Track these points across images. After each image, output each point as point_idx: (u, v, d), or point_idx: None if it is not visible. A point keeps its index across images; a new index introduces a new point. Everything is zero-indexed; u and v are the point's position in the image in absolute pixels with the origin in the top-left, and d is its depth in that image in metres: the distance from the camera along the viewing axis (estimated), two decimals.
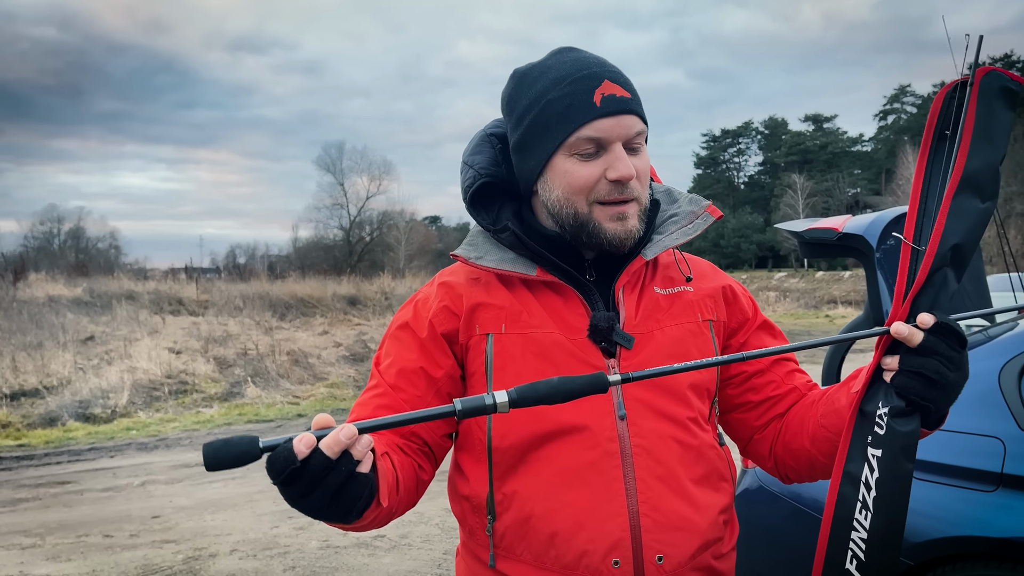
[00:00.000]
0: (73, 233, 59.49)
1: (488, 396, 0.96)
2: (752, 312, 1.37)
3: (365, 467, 0.94)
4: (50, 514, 5.71)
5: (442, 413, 0.95)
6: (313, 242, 57.75)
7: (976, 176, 1.06)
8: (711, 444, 1.27)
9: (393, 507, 1.11)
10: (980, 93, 1.07)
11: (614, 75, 1.22)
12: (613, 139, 1.19)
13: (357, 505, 0.95)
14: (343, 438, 0.89)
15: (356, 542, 4.83)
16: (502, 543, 1.23)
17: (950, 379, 1.04)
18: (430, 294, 1.32)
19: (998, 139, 1.09)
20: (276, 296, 23.99)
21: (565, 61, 1.23)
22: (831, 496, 1.12)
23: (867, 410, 1.10)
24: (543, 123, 1.21)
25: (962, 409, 2.48)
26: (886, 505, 1.07)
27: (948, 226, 1.05)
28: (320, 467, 0.89)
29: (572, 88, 1.19)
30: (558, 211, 1.23)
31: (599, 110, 1.18)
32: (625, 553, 1.16)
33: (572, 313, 1.24)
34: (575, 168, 1.20)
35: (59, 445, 8.40)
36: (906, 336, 1.05)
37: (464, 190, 1.30)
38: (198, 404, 10.55)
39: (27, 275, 25.68)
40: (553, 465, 1.20)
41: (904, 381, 1.06)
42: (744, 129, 76.03)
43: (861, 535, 1.08)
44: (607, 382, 1.01)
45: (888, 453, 1.07)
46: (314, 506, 0.92)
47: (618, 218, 1.21)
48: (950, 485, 2.38)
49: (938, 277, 1.06)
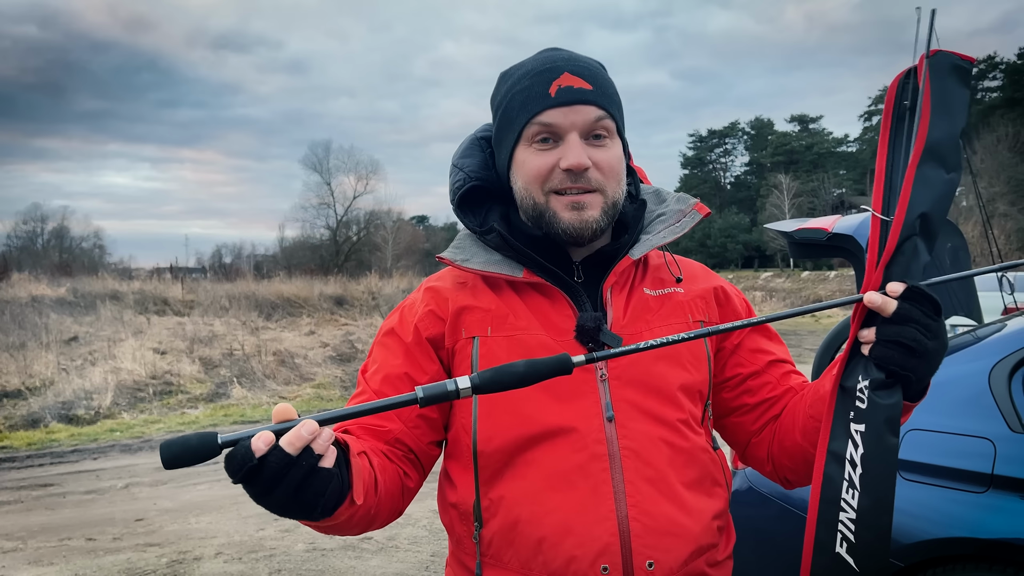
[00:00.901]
0: (57, 232, 59.08)
1: (450, 382, 0.96)
2: (746, 313, 1.35)
3: (328, 462, 0.92)
4: (32, 517, 5.63)
5: (405, 401, 0.95)
6: (300, 242, 57.55)
7: (938, 146, 1.08)
8: (703, 447, 1.24)
9: (371, 508, 1.09)
10: (932, 70, 1.09)
11: (577, 68, 1.22)
12: (566, 128, 1.19)
13: (321, 500, 0.93)
14: (304, 433, 0.88)
15: (343, 544, 4.79)
16: (489, 551, 1.20)
17: (928, 347, 1.03)
18: (417, 299, 1.31)
19: (956, 113, 1.10)
20: (262, 296, 23.83)
21: (538, 58, 1.25)
22: (816, 478, 1.10)
23: (847, 386, 1.09)
24: (508, 116, 1.24)
25: (952, 410, 2.49)
26: (873, 481, 1.05)
27: (915, 195, 1.06)
28: (280, 464, 0.87)
29: (532, 80, 1.21)
30: (521, 202, 1.25)
31: (552, 100, 1.18)
32: (614, 559, 1.13)
33: (559, 315, 1.23)
34: (531, 157, 1.21)
35: (41, 447, 8.29)
36: (879, 305, 1.04)
37: (452, 192, 1.30)
38: (183, 405, 10.46)
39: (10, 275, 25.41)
40: (540, 469, 1.17)
41: (882, 351, 1.05)
42: (730, 129, 76.39)
43: (849, 515, 1.06)
44: (571, 363, 1.01)
45: (871, 427, 1.05)
46: (277, 503, 0.90)
47: (574, 207, 1.20)
48: (940, 486, 2.38)
49: (908, 246, 1.07)
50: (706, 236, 60.57)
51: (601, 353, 1.01)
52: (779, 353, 1.33)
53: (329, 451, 0.92)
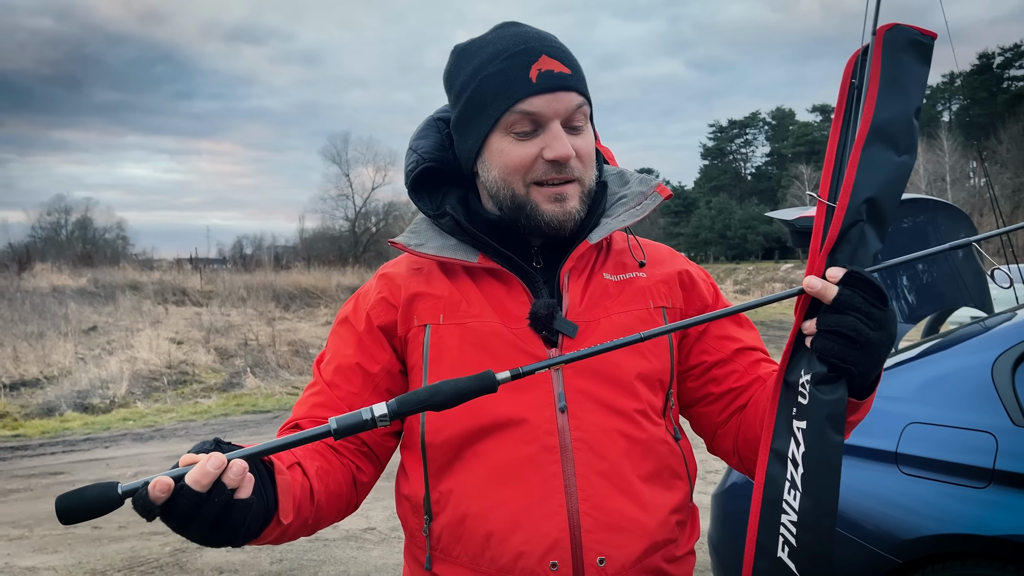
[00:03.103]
0: (80, 223, 59.71)
1: (366, 411, 0.93)
2: (713, 298, 1.29)
3: (244, 492, 0.89)
4: (40, 505, 5.67)
5: (317, 435, 0.93)
6: (320, 233, 57.78)
7: (887, 127, 1.01)
8: (662, 439, 1.19)
9: (308, 518, 1.07)
10: (885, 45, 1.02)
11: (553, 50, 1.15)
12: (550, 116, 1.12)
13: (241, 531, 0.91)
14: (211, 468, 0.85)
15: (345, 535, 4.78)
16: (439, 544, 1.17)
17: (871, 337, 0.96)
18: (371, 287, 1.27)
19: (911, 91, 1.04)
20: (280, 287, 23.94)
21: (504, 36, 1.17)
22: (758, 478, 1.04)
23: (790, 380, 1.04)
24: (479, 100, 1.15)
25: (953, 403, 2.41)
26: (815, 482, 0.98)
27: (859, 178, 0.99)
28: (190, 503, 0.85)
29: (508, 63, 1.13)
30: (496, 192, 1.18)
31: (535, 86, 1.11)
32: (563, 555, 1.09)
33: (514, 302, 1.18)
34: (511, 148, 1.14)
35: (55, 436, 8.38)
36: (819, 290, 0.98)
37: (406, 175, 1.25)
38: (197, 395, 10.53)
39: (33, 265, 25.69)
40: (489, 461, 1.13)
41: (822, 343, 0.98)
42: (751, 120, 75.72)
43: (791, 518, 1.00)
44: (495, 380, 0.96)
45: (813, 424, 0.99)
46: (196, 536, 0.89)
47: (556, 199, 1.15)
48: (939, 481, 2.31)
49: (854, 233, 1.00)
50: (726, 227, 60.19)
51: (527, 368, 0.97)
52: (748, 340, 1.27)
53: (245, 480, 0.89)
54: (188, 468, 0.86)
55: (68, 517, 0.84)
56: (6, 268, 23.88)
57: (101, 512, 0.84)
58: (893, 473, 2.40)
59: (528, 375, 0.97)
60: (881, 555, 2.32)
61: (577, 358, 0.98)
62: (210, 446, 0.91)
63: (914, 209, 4.05)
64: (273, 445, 0.92)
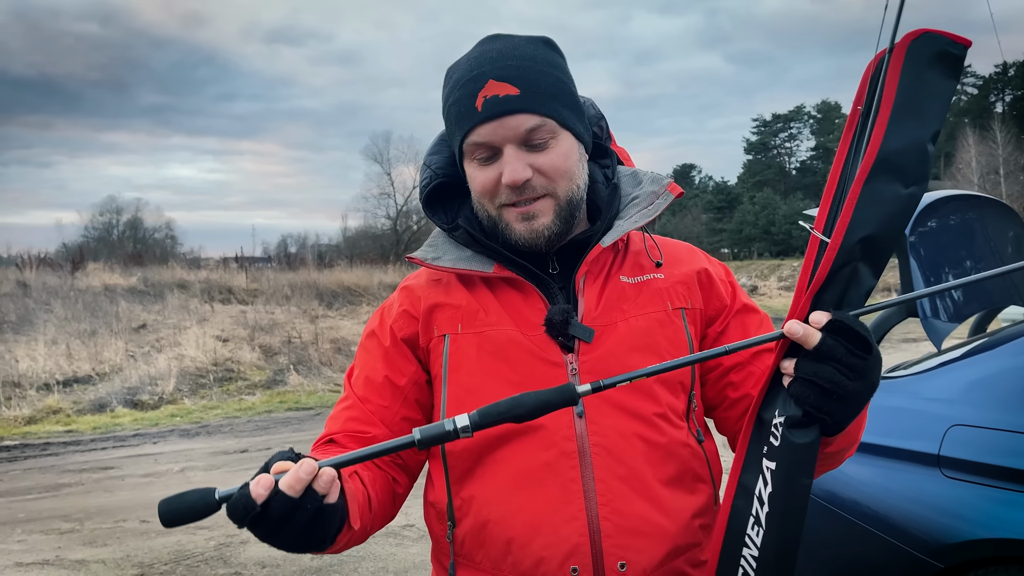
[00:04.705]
0: (131, 224, 61.10)
1: (448, 422, 0.94)
2: (731, 297, 1.28)
3: (333, 498, 0.93)
4: (91, 499, 5.84)
5: (402, 445, 0.94)
6: (362, 231, 58.35)
7: (896, 157, 0.93)
8: (683, 442, 1.18)
9: (367, 526, 1.09)
10: (908, 61, 0.94)
11: (503, 71, 1.12)
12: (499, 142, 1.13)
13: (331, 536, 0.94)
14: (303, 475, 0.88)
15: (384, 531, 4.82)
16: (462, 550, 1.18)
17: (848, 389, 0.93)
18: (394, 300, 1.30)
19: (929, 113, 0.94)
20: (324, 285, 24.24)
21: (470, 58, 1.18)
22: (725, 505, 1.03)
23: (764, 417, 1.01)
24: (448, 129, 1.21)
25: (999, 405, 2.35)
26: (780, 523, 0.97)
27: (857, 215, 0.93)
28: (284, 508, 0.88)
29: (461, 92, 1.15)
30: (477, 211, 1.21)
31: (479, 115, 1.12)
32: (584, 560, 1.09)
33: (531, 309, 1.19)
34: (476, 174, 1.17)
35: (106, 431, 8.61)
36: (800, 336, 0.94)
37: (420, 190, 1.27)
38: (242, 391, 10.73)
39: (85, 265, 26.38)
40: (508, 468, 1.14)
41: (798, 389, 0.95)
42: (796, 114, 74.45)
43: (752, 552, 0.99)
44: (576, 393, 0.96)
45: (782, 467, 0.97)
46: (285, 542, 0.91)
47: (524, 218, 1.16)
48: (984, 485, 2.25)
49: (846, 272, 0.95)
50: (770, 223, 59.30)
51: (608, 380, 0.97)
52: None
53: (333, 488, 0.92)
54: (280, 475, 0.88)
55: (170, 520, 0.88)
56: (60, 268, 24.54)
57: (200, 516, 0.88)
58: (935, 476, 2.34)
59: (609, 387, 0.97)
60: (923, 559, 2.27)
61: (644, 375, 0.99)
62: (288, 453, 0.93)
63: (962, 206, 3.93)
64: (360, 455, 0.93)
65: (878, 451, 2.46)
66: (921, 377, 2.63)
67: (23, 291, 17.92)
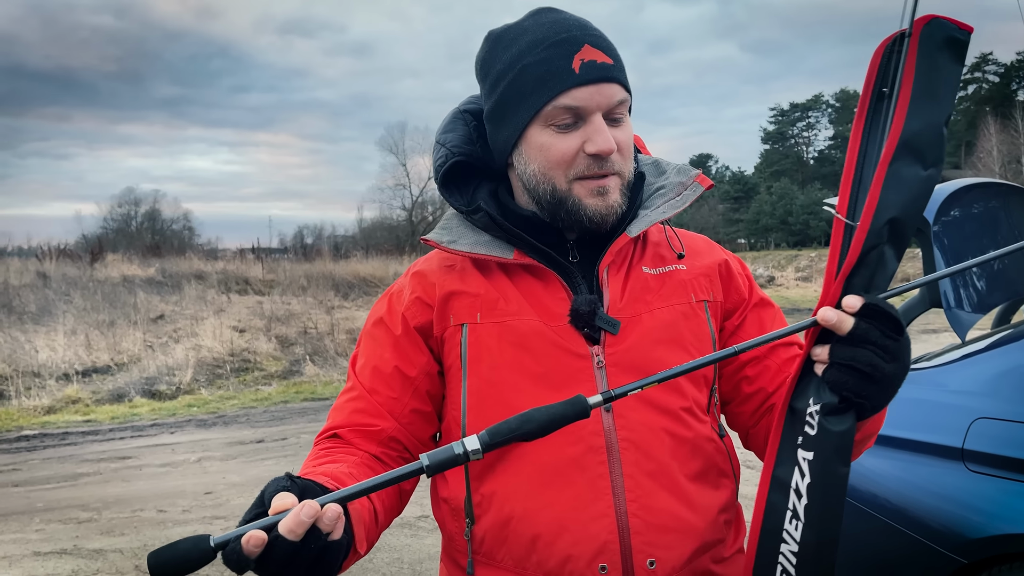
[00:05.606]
0: (149, 215, 61.52)
1: (457, 445, 0.89)
2: (748, 291, 1.25)
3: (338, 534, 0.87)
4: (109, 488, 5.88)
5: (410, 473, 0.88)
6: (378, 222, 58.46)
7: (917, 139, 0.93)
8: (709, 436, 1.15)
9: (373, 541, 1.06)
10: (921, 45, 0.93)
11: (596, 39, 1.10)
12: (592, 109, 1.08)
13: (336, 569, 0.90)
14: (304, 518, 0.82)
15: (399, 522, 4.82)
16: (481, 548, 1.14)
17: (886, 371, 0.92)
18: (404, 285, 1.24)
19: (943, 97, 0.95)
20: (339, 275, 24.32)
21: (543, 23, 1.12)
22: (759, 504, 1.00)
23: (797, 407, 0.98)
24: (518, 90, 1.11)
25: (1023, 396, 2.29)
26: (819, 514, 0.95)
27: (884, 197, 0.92)
28: (285, 554, 0.82)
29: (550, 53, 1.09)
30: (535, 186, 1.14)
31: (578, 77, 1.07)
32: (613, 558, 1.06)
33: (552, 298, 1.14)
34: (552, 141, 1.10)
35: (124, 421, 8.68)
36: (834, 323, 0.93)
37: (435, 170, 1.21)
38: (258, 382, 10.78)
39: (104, 256, 26.60)
40: (533, 463, 1.10)
41: (835, 375, 0.93)
42: (814, 102, 73.77)
43: (792, 548, 0.96)
44: (587, 406, 0.93)
45: (820, 456, 0.95)
46: None
47: (598, 192, 1.11)
48: (1009, 479, 2.20)
49: (873, 256, 0.93)
50: (787, 213, 58.85)
51: (619, 389, 0.94)
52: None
53: (338, 523, 0.87)
54: (280, 516, 0.83)
55: (161, 572, 0.82)
56: (80, 259, 24.77)
57: (194, 566, 0.82)
58: (959, 470, 2.30)
59: (619, 398, 0.94)
60: (946, 555, 2.23)
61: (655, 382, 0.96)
62: (285, 482, 0.88)
63: (985, 194, 3.86)
64: (365, 487, 0.88)
65: (900, 444, 2.42)
66: (945, 369, 2.58)
67: (43, 282, 18.10)
